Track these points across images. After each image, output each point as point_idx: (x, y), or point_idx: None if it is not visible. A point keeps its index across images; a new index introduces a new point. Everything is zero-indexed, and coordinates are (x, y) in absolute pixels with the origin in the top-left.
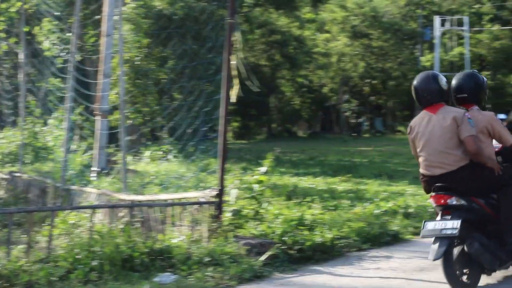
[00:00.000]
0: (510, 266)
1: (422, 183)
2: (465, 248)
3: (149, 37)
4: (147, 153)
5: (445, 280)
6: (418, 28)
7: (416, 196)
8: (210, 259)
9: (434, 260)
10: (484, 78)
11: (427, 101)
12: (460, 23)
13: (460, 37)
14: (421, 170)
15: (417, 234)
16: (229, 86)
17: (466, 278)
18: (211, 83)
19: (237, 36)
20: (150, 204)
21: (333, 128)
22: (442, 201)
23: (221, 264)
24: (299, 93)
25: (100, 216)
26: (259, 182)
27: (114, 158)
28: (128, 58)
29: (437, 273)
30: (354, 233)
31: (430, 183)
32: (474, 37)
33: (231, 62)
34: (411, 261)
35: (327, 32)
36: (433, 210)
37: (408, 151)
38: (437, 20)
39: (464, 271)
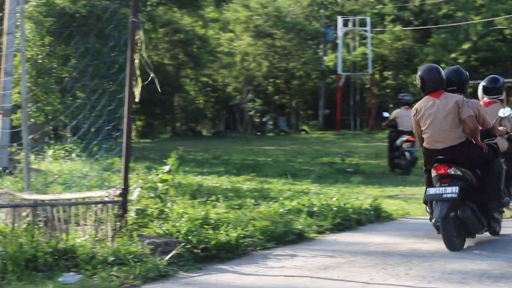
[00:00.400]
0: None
1: (424, 156)
2: (458, 213)
3: (51, 35)
4: (50, 152)
5: (348, 278)
6: (321, 28)
7: (320, 195)
8: (114, 258)
9: (437, 220)
10: (467, 72)
11: (432, 88)
12: (362, 24)
13: (363, 37)
14: (425, 145)
15: (321, 232)
16: (132, 85)
17: (456, 240)
18: (114, 82)
19: (140, 35)
20: (54, 204)
21: (237, 127)
22: (443, 170)
23: (126, 264)
24: (203, 92)
25: (2, 216)
26: (163, 181)
27: (16, 157)
28: (30, 56)
29: (341, 271)
30: (258, 231)
31: (432, 156)
32: (376, 37)
33: (135, 61)
34: (315, 260)
35: (231, 31)
36: (336, 209)
37: (312, 150)
38: (339, 20)
39: (454, 234)
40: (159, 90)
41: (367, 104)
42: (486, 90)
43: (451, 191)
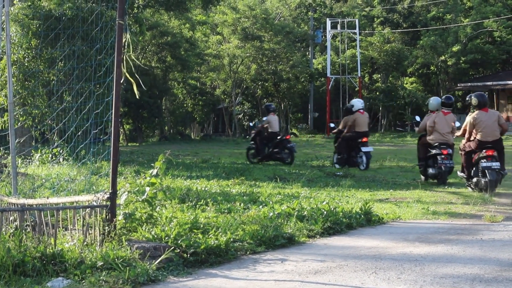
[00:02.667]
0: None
1: (475, 144)
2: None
3: (37, 38)
4: (37, 156)
5: (339, 283)
6: (309, 30)
7: (310, 199)
8: (103, 263)
9: (491, 181)
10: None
11: (485, 106)
12: (351, 26)
13: (352, 40)
14: (479, 138)
15: (312, 236)
16: (119, 88)
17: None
18: (101, 85)
19: (127, 38)
20: (41, 208)
21: (226, 130)
22: (490, 153)
23: (114, 269)
24: (191, 95)
25: None
26: (151, 184)
27: (3, 161)
28: (17, 59)
29: (332, 275)
30: (248, 236)
31: (483, 145)
32: (365, 39)
33: (125, 64)
34: (306, 264)
35: (219, 34)
36: (326, 213)
37: (301, 153)
38: (328, 22)
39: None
40: (150, 93)
41: None
42: (444, 104)
43: (497, 165)
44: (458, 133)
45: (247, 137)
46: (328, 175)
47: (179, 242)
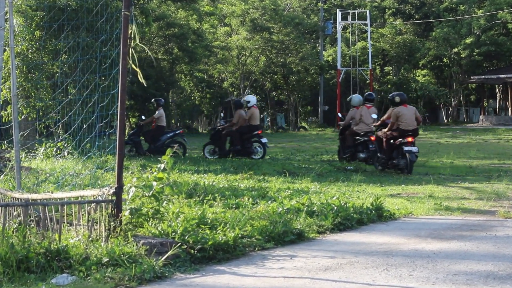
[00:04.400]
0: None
1: (397, 132)
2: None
3: (41, 29)
4: (42, 149)
5: (349, 280)
6: (319, 22)
7: (320, 194)
8: (108, 259)
9: (411, 161)
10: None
11: (405, 102)
12: (362, 17)
13: (363, 31)
14: (402, 127)
15: (322, 232)
16: (125, 81)
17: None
18: (106, 77)
19: (133, 29)
20: (46, 203)
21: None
22: (411, 139)
23: (120, 265)
24: (199, 88)
25: None
26: (158, 179)
27: (7, 155)
28: (20, 51)
29: (342, 272)
30: (257, 231)
31: (404, 133)
32: (376, 31)
33: (130, 56)
34: (316, 260)
35: (227, 25)
36: (336, 208)
37: (311, 147)
38: (338, 14)
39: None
40: (144, 83)
41: None
42: (367, 100)
43: (415, 148)
44: (377, 123)
45: None
46: (338, 169)
47: (186, 238)
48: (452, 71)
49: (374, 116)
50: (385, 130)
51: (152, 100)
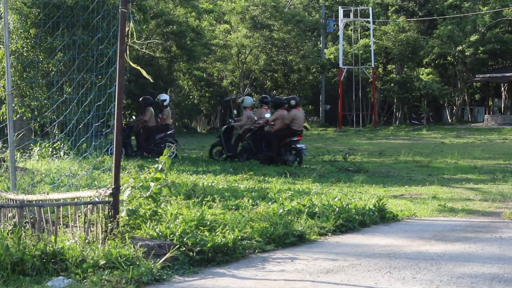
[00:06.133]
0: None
1: (289, 131)
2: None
3: (36, 27)
4: (37, 149)
5: (351, 283)
6: (321, 19)
7: (321, 195)
8: (105, 262)
9: (301, 157)
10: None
11: (298, 105)
12: (364, 14)
13: (365, 29)
14: (294, 128)
15: (323, 234)
16: (123, 79)
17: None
18: (103, 76)
19: (130, 26)
20: (41, 204)
21: None
22: (300, 138)
23: (117, 267)
24: (198, 87)
25: None
26: (156, 180)
27: (1, 155)
28: (15, 49)
29: (344, 275)
30: (257, 233)
31: (296, 132)
32: (379, 29)
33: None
34: (317, 263)
35: (226, 22)
36: (338, 210)
37: (312, 147)
38: (340, 11)
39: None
40: (154, 85)
41: (370, 99)
42: (262, 102)
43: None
44: (260, 123)
45: None
46: (340, 170)
47: (184, 240)
48: (457, 69)
49: (267, 115)
50: (276, 128)
51: (140, 99)
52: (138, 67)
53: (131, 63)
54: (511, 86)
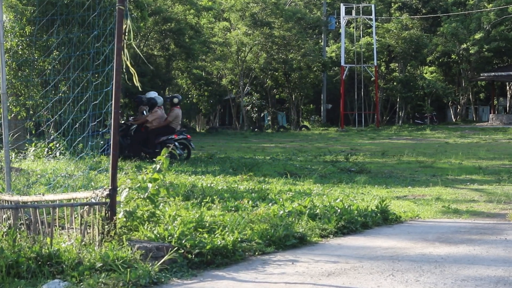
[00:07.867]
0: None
1: (168, 128)
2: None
3: (31, 24)
4: (32, 149)
5: (353, 286)
6: (322, 16)
7: (322, 196)
8: (102, 264)
9: (180, 152)
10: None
11: (179, 104)
12: (366, 12)
13: (367, 26)
14: (172, 125)
15: (325, 236)
16: (120, 78)
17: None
18: (99, 75)
19: (127, 24)
20: (37, 205)
21: (233, 123)
22: (176, 136)
23: (114, 270)
24: (196, 86)
25: None
26: (154, 180)
27: None
28: (10, 47)
29: (346, 277)
30: (257, 235)
31: (173, 130)
32: (381, 26)
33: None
34: (318, 265)
35: (226, 20)
36: (340, 211)
37: (313, 147)
38: (342, 8)
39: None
40: (139, 86)
41: (373, 98)
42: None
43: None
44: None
45: (256, 130)
46: (342, 170)
47: (183, 242)
48: (461, 68)
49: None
50: (154, 126)
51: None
52: (133, 70)
53: (127, 63)
54: None
